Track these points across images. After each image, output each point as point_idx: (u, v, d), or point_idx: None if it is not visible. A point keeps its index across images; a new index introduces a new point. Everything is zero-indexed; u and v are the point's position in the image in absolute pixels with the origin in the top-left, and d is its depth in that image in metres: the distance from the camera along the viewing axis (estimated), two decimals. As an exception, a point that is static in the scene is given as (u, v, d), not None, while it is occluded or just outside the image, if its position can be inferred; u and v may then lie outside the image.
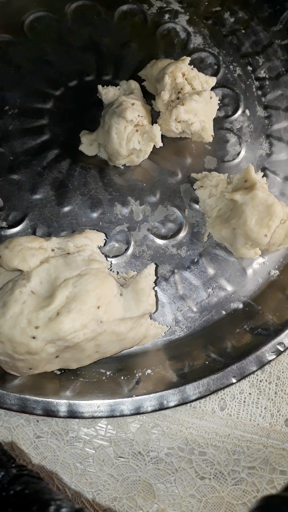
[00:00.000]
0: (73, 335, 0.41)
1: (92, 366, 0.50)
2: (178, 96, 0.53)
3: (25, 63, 0.58)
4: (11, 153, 0.54)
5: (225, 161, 0.58)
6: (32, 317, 0.41)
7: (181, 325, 0.53)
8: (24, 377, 0.47)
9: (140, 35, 0.61)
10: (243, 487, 0.52)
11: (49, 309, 0.41)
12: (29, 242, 0.45)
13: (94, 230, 0.50)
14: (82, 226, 0.54)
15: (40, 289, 0.42)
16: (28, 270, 0.43)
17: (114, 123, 0.50)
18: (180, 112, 0.52)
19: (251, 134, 0.59)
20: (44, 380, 0.48)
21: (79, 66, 0.59)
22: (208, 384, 0.48)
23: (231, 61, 0.62)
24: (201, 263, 0.55)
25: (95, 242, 0.48)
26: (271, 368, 0.55)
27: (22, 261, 0.43)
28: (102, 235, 0.49)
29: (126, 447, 0.51)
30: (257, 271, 0.55)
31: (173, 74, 0.53)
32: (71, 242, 0.46)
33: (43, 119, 0.57)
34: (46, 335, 0.40)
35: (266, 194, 0.51)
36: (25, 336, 0.40)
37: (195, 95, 0.52)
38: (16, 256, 0.43)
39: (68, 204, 0.54)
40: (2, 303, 0.41)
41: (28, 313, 0.41)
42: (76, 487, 0.50)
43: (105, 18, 0.60)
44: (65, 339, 0.41)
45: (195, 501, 0.51)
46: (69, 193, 0.54)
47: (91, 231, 0.48)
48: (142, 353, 0.52)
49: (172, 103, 0.53)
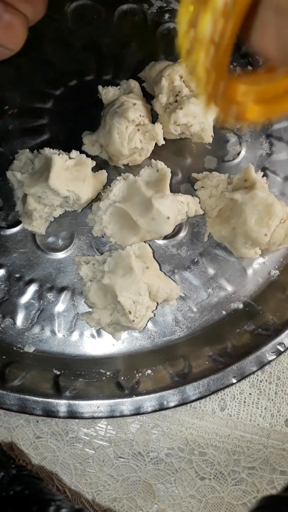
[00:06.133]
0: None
1: (92, 366, 0.50)
2: (176, 99, 0.53)
3: (25, 63, 0.58)
4: (11, 153, 0.54)
5: (225, 161, 0.58)
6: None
7: (181, 325, 0.53)
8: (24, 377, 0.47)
9: (140, 35, 0.61)
10: (243, 488, 0.52)
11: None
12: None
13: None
14: (82, 226, 0.54)
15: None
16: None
17: (115, 123, 0.50)
18: (178, 117, 0.52)
19: (251, 134, 0.59)
20: (44, 380, 0.48)
21: (79, 66, 0.59)
22: (208, 384, 0.48)
23: (231, 61, 0.61)
24: (201, 263, 0.55)
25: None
26: (271, 368, 0.54)
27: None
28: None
29: (126, 447, 0.51)
30: (257, 271, 0.55)
31: (170, 77, 0.53)
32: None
33: (43, 119, 0.57)
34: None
35: (266, 194, 0.51)
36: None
37: (193, 98, 0.52)
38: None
39: (68, 204, 0.54)
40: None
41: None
42: (76, 488, 0.50)
43: (105, 18, 0.60)
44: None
45: (195, 502, 0.51)
46: (69, 193, 0.54)
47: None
48: (142, 353, 0.52)
49: (170, 106, 0.53)
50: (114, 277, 0.46)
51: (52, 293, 0.52)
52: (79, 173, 0.50)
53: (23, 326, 0.51)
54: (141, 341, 0.52)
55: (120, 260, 0.47)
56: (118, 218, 0.50)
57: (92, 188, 0.51)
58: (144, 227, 0.49)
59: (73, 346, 0.51)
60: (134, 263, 0.47)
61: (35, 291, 0.52)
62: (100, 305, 0.48)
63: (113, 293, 0.46)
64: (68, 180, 0.49)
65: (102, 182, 0.53)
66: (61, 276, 0.52)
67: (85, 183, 0.50)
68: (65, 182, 0.48)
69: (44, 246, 0.53)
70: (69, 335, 0.51)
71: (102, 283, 0.47)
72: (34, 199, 0.49)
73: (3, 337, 0.51)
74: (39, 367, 0.49)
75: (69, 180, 0.49)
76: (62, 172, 0.49)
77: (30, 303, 0.52)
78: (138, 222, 0.49)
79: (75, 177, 0.49)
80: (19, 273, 0.52)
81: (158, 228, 0.49)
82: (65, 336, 0.51)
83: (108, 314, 0.48)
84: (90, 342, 0.51)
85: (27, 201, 0.49)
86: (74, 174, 0.49)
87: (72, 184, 0.49)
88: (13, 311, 0.51)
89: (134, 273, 0.46)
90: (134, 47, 0.60)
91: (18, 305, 0.51)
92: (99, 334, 0.52)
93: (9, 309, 0.51)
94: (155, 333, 0.52)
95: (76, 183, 0.49)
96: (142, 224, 0.49)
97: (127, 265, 0.47)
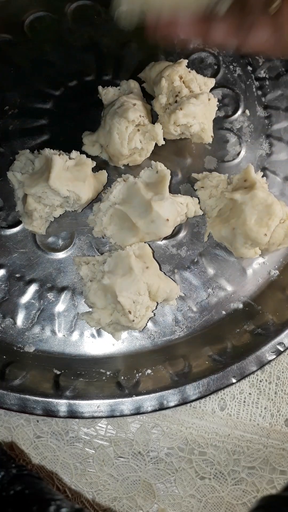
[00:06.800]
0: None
1: (92, 366, 0.50)
2: (176, 100, 0.53)
3: (25, 63, 0.58)
4: (11, 153, 0.54)
5: (225, 161, 0.58)
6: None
7: (181, 325, 0.53)
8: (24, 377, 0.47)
9: (140, 35, 0.61)
10: (243, 487, 0.52)
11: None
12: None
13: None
14: (82, 226, 0.54)
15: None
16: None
17: (115, 124, 0.50)
18: (178, 117, 0.52)
19: (251, 134, 0.59)
20: (44, 380, 0.48)
21: (79, 66, 0.59)
22: (208, 384, 0.48)
23: (231, 61, 0.62)
24: (201, 263, 0.55)
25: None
26: (271, 368, 0.55)
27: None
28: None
29: (126, 447, 0.51)
30: (257, 271, 0.55)
31: (170, 78, 0.53)
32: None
33: (43, 119, 0.57)
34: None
35: (266, 194, 0.51)
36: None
37: (192, 99, 0.52)
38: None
39: (68, 204, 0.54)
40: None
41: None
42: (76, 487, 0.50)
43: (105, 18, 0.60)
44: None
45: (195, 501, 0.51)
46: (69, 193, 0.54)
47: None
48: (142, 353, 0.52)
49: (170, 106, 0.53)
50: (114, 277, 0.47)
51: (52, 293, 0.52)
52: (79, 173, 0.50)
53: (23, 326, 0.51)
54: (141, 341, 0.52)
55: (120, 260, 0.47)
56: (117, 219, 0.50)
57: (92, 188, 0.51)
58: (143, 229, 0.49)
59: (73, 346, 0.51)
60: (134, 263, 0.47)
61: (35, 291, 0.52)
62: (100, 305, 0.48)
63: (113, 293, 0.46)
64: (69, 180, 0.49)
65: (102, 183, 0.53)
66: (61, 276, 0.53)
67: (85, 183, 0.50)
68: (66, 182, 0.48)
69: (44, 246, 0.53)
70: (69, 335, 0.51)
71: (102, 283, 0.47)
72: (35, 199, 0.49)
73: (4, 337, 0.51)
74: (39, 367, 0.49)
75: (70, 180, 0.49)
76: (63, 172, 0.49)
77: (31, 303, 0.52)
78: (138, 224, 0.49)
79: (75, 177, 0.49)
80: (19, 273, 0.52)
81: (157, 230, 0.49)
82: (65, 336, 0.51)
83: (108, 314, 0.48)
84: (90, 342, 0.51)
85: (27, 201, 0.49)
86: (75, 174, 0.50)
87: (73, 184, 0.49)
88: (14, 311, 0.51)
89: (134, 273, 0.47)
90: (134, 47, 0.60)
91: (19, 305, 0.52)
92: (99, 334, 0.52)
93: (10, 309, 0.51)
94: (155, 333, 0.52)
95: (76, 183, 0.49)
96: (142, 226, 0.49)
97: (127, 265, 0.47)
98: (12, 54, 0.58)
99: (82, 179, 0.50)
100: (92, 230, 0.52)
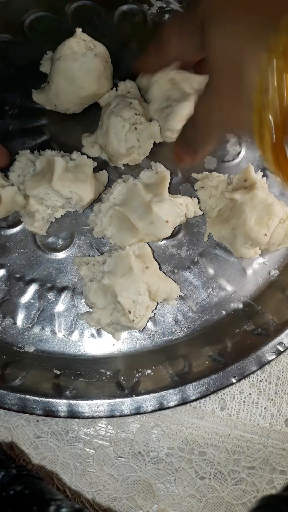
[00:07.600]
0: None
1: (92, 366, 0.50)
2: (168, 104, 0.53)
3: (25, 63, 0.58)
4: (12, 153, 0.54)
5: (225, 161, 0.58)
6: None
7: (181, 325, 0.53)
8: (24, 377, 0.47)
9: (140, 35, 0.61)
10: (243, 487, 0.52)
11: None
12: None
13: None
14: (82, 227, 0.54)
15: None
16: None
17: (112, 123, 0.50)
18: (172, 124, 0.52)
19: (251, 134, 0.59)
20: (44, 380, 0.48)
21: (79, 66, 0.59)
22: (208, 384, 0.48)
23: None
24: (201, 263, 0.55)
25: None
26: (271, 368, 0.55)
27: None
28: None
29: (126, 447, 0.51)
30: (257, 271, 0.55)
31: (159, 84, 0.53)
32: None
33: (43, 119, 0.57)
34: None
35: (266, 194, 0.51)
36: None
37: (184, 102, 0.52)
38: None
39: (68, 204, 0.54)
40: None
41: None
42: (76, 487, 0.50)
43: (105, 18, 0.60)
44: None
45: (195, 501, 0.51)
46: (69, 193, 0.54)
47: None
48: (142, 353, 0.52)
49: (165, 110, 0.53)
50: (114, 277, 0.47)
51: (52, 293, 0.52)
52: (81, 174, 0.50)
53: (23, 326, 0.51)
54: (141, 341, 0.52)
55: (120, 260, 0.47)
56: (117, 220, 0.50)
57: (93, 189, 0.51)
58: (143, 230, 0.49)
59: (73, 346, 0.51)
60: (133, 263, 0.47)
61: (35, 291, 0.52)
62: (100, 305, 0.48)
63: (113, 293, 0.46)
64: (71, 182, 0.49)
65: (103, 183, 0.54)
66: (61, 276, 0.53)
67: (87, 184, 0.50)
68: (68, 183, 0.49)
69: (45, 246, 0.53)
70: (69, 335, 0.51)
71: (102, 283, 0.47)
72: (37, 200, 0.49)
73: (3, 337, 0.51)
74: (39, 367, 0.49)
75: (71, 181, 0.49)
76: (65, 173, 0.49)
77: (30, 303, 0.52)
78: (137, 225, 0.49)
79: (77, 179, 0.49)
80: (19, 273, 0.52)
81: (157, 232, 0.49)
82: (65, 336, 0.51)
83: (108, 314, 0.48)
84: (90, 342, 0.51)
85: (29, 203, 0.49)
86: (76, 175, 0.50)
87: (75, 186, 0.49)
88: (14, 311, 0.51)
89: (134, 273, 0.47)
90: (134, 47, 0.60)
91: (19, 305, 0.52)
92: (99, 334, 0.52)
93: (10, 309, 0.51)
94: (155, 333, 0.52)
95: (78, 184, 0.49)
96: (141, 228, 0.49)
97: (126, 265, 0.47)
98: (12, 54, 0.58)
99: (83, 180, 0.50)
100: (92, 231, 0.52)
